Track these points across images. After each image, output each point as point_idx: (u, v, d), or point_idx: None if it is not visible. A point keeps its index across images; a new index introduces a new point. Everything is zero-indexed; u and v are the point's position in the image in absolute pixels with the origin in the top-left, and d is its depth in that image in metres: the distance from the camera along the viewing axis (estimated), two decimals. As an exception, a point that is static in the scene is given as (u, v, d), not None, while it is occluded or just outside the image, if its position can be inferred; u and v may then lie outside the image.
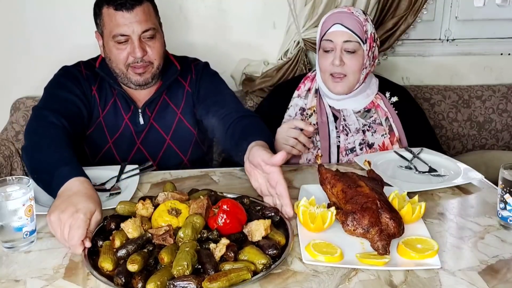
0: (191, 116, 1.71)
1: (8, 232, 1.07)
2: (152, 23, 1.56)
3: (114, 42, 1.55)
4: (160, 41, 1.61)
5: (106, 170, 1.49)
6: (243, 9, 2.21)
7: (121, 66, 1.58)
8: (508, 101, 2.33)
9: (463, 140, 2.32)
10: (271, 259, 0.98)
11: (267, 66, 2.23)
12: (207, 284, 0.89)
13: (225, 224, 1.05)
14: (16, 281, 0.97)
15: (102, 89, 1.65)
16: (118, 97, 1.65)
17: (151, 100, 1.66)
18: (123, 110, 1.65)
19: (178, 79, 1.71)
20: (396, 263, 0.99)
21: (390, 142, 1.70)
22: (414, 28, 2.34)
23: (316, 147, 1.69)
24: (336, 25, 1.64)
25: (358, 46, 1.64)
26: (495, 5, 2.41)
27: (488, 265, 1.00)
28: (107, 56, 1.60)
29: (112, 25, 1.53)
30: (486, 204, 1.27)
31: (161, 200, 1.16)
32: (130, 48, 1.54)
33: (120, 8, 1.51)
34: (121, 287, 0.91)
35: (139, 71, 1.58)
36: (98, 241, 1.06)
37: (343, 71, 1.65)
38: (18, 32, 2.13)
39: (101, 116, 1.64)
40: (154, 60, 1.59)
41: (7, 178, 1.12)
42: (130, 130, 1.66)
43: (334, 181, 1.19)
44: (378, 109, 1.74)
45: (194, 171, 1.51)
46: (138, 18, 1.52)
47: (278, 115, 1.78)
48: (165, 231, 1.02)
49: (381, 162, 1.52)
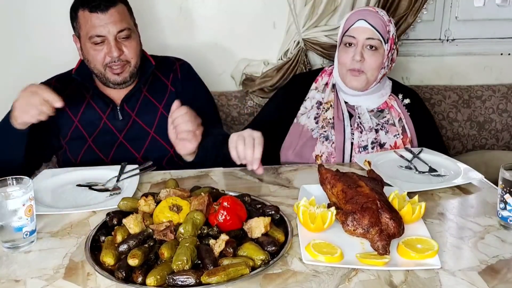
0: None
1: (8, 232, 1.07)
2: (127, 23, 1.61)
3: (91, 44, 1.59)
4: (136, 40, 1.65)
5: (106, 170, 1.49)
6: (243, 9, 2.21)
7: (99, 66, 1.62)
8: (508, 101, 2.33)
9: (463, 140, 2.32)
10: (269, 256, 0.99)
11: (267, 66, 2.23)
12: (206, 278, 0.91)
13: (225, 221, 1.07)
14: (16, 281, 0.97)
15: (74, 97, 1.69)
16: (93, 98, 1.70)
17: (129, 96, 1.70)
18: (100, 109, 1.70)
19: (158, 77, 1.77)
20: (396, 263, 0.99)
21: (402, 142, 1.70)
22: (414, 28, 2.34)
23: (331, 141, 1.69)
24: (360, 21, 1.65)
25: (379, 44, 1.64)
26: (495, 5, 2.41)
27: (488, 265, 1.00)
28: (86, 58, 1.65)
29: (88, 27, 1.57)
30: (486, 204, 1.27)
31: (163, 197, 1.18)
32: (107, 49, 1.59)
33: (94, 10, 1.56)
34: (121, 281, 0.93)
35: (117, 71, 1.62)
36: (100, 236, 1.08)
37: (362, 67, 1.65)
38: (18, 32, 2.13)
39: (76, 121, 1.69)
40: (131, 59, 1.63)
41: (7, 178, 1.12)
42: (109, 127, 1.69)
43: (334, 181, 1.19)
44: (391, 109, 1.74)
45: (194, 171, 1.51)
46: (113, 19, 1.57)
47: (293, 106, 1.79)
48: (165, 227, 1.04)
49: (381, 162, 1.52)
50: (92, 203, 1.30)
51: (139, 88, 1.72)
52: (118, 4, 1.60)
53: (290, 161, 1.70)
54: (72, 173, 1.49)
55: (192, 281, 0.91)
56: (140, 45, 1.68)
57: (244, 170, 1.50)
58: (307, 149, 1.70)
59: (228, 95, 2.23)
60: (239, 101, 2.23)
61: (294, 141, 1.73)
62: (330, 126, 1.71)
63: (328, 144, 1.69)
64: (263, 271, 0.96)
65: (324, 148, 1.69)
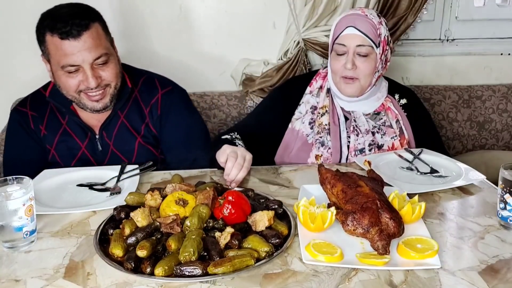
0: (153, 140, 1.65)
1: (8, 232, 1.07)
2: (103, 48, 1.45)
3: (63, 71, 1.44)
4: (114, 62, 1.50)
5: (106, 170, 1.49)
6: (243, 9, 2.21)
7: (72, 93, 1.48)
8: (508, 101, 2.33)
9: (463, 140, 2.32)
10: (273, 248, 1.01)
11: (267, 66, 2.23)
12: (212, 269, 0.94)
13: (231, 214, 1.10)
14: (16, 281, 0.97)
15: (51, 122, 1.60)
16: (69, 125, 1.59)
17: (108, 122, 1.59)
18: (78, 138, 1.60)
19: (138, 101, 1.62)
20: (396, 263, 0.99)
21: (400, 144, 1.69)
22: (414, 28, 2.34)
23: (327, 147, 1.69)
24: (349, 28, 1.61)
25: (371, 50, 1.61)
26: (495, 5, 2.41)
27: (488, 265, 1.00)
28: (57, 84, 1.51)
29: (59, 55, 1.41)
30: (486, 204, 1.27)
31: (169, 191, 1.22)
32: (83, 77, 1.44)
33: (66, 36, 1.38)
34: (130, 271, 0.96)
35: (96, 98, 1.49)
36: (108, 229, 1.11)
37: (355, 75, 1.63)
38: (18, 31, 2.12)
39: (52, 150, 1.61)
40: (111, 82, 1.50)
41: (7, 178, 1.12)
42: (88, 158, 1.61)
43: (334, 181, 1.19)
44: (388, 111, 1.73)
45: (194, 171, 1.51)
46: (88, 45, 1.40)
47: (288, 111, 1.76)
48: (172, 220, 1.08)
49: (382, 164, 1.52)
50: (92, 203, 1.30)
51: (116, 114, 1.59)
52: (92, 26, 1.41)
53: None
54: (72, 173, 1.49)
55: (199, 272, 0.94)
56: (119, 65, 1.53)
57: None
58: (303, 154, 1.70)
59: (228, 95, 2.23)
60: (239, 101, 2.23)
61: (289, 146, 1.73)
62: (326, 132, 1.69)
63: (324, 150, 1.69)
64: (268, 262, 0.99)
65: (319, 153, 1.69)
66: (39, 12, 1.46)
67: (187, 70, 2.20)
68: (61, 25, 1.39)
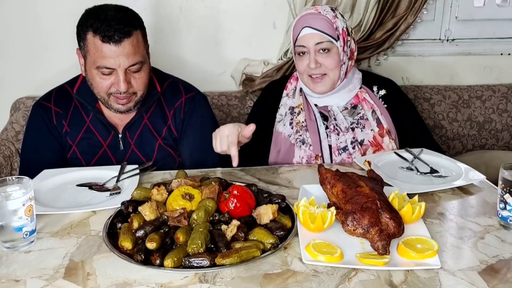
0: (173, 143, 1.68)
1: (8, 232, 1.07)
2: (140, 56, 1.48)
3: (97, 71, 1.47)
4: (146, 71, 1.53)
5: (106, 170, 1.49)
6: (243, 9, 2.21)
7: (103, 94, 1.52)
8: (508, 101, 2.33)
9: (463, 140, 2.32)
10: (278, 239, 1.05)
11: (267, 66, 2.23)
12: (220, 260, 0.97)
13: (236, 208, 1.13)
14: (16, 281, 0.97)
15: (75, 119, 1.62)
16: (93, 122, 1.62)
17: (131, 123, 1.62)
18: (101, 136, 1.62)
19: (162, 105, 1.66)
20: (396, 263, 0.99)
21: (379, 135, 1.69)
22: (414, 28, 2.34)
23: (307, 144, 1.69)
24: (305, 29, 1.63)
25: (331, 44, 1.63)
26: (495, 5, 2.41)
27: (488, 265, 1.00)
28: (89, 81, 1.54)
29: (97, 56, 1.44)
30: (486, 204, 1.27)
31: (175, 186, 1.24)
32: (115, 80, 1.48)
33: (107, 40, 1.41)
34: (140, 263, 0.99)
35: (122, 102, 1.53)
36: (117, 223, 1.14)
37: (321, 71, 1.65)
38: (18, 31, 2.13)
39: (73, 146, 1.62)
40: (139, 91, 1.53)
41: (7, 178, 1.12)
42: (108, 156, 1.63)
43: (334, 181, 1.19)
44: (363, 102, 1.73)
45: (194, 171, 1.51)
46: (126, 52, 1.43)
47: (270, 116, 1.80)
48: (180, 214, 1.10)
49: (382, 164, 1.52)
50: (92, 203, 1.30)
51: (141, 115, 1.63)
52: (133, 33, 1.45)
53: None
54: (72, 173, 1.49)
55: (206, 263, 0.96)
56: (149, 73, 1.57)
57: (244, 170, 1.50)
58: (289, 156, 1.70)
59: (228, 95, 2.23)
60: (239, 101, 2.23)
61: (276, 149, 1.75)
62: (304, 129, 1.71)
63: (306, 148, 1.69)
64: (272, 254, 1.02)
65: (302, 152, 1.69)
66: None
67: (187, 70, 2.19)
68: (105, 28, 1.42)
